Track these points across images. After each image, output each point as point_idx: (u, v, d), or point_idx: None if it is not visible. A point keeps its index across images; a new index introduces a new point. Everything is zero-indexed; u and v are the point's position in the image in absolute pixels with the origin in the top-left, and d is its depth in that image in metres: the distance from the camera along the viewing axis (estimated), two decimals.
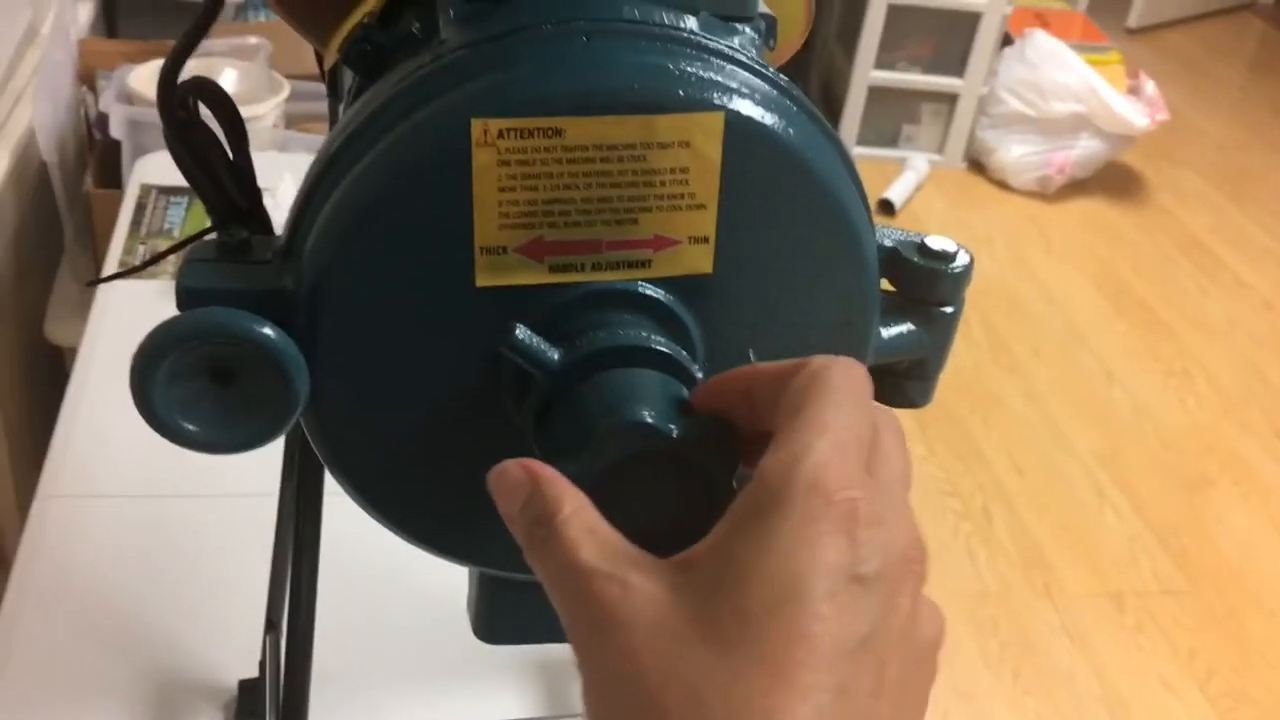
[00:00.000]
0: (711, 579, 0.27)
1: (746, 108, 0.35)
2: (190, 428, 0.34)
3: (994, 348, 2.30)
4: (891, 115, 2.94)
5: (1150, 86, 2.83)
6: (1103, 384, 2.28)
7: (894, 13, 2.82)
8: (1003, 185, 2.94)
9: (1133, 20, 4.04)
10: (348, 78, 0.51)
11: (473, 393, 0.37)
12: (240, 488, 0.92)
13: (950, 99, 2.93)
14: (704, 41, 0.36)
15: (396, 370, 0.37)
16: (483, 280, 0.35)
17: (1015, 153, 2.90)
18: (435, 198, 0.34)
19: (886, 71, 2.89)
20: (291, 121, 1.69)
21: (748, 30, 0.39)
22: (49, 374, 1.65)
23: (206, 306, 0.35)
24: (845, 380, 0.30)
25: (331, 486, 0.51)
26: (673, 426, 0.32)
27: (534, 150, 0.34)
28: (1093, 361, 2.34)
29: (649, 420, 0.32)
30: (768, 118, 0.36)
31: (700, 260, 0.37)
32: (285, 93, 1.64)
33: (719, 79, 0.35)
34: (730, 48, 0.37)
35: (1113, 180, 3.00)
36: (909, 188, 2.79)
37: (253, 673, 0.78)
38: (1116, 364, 2.34)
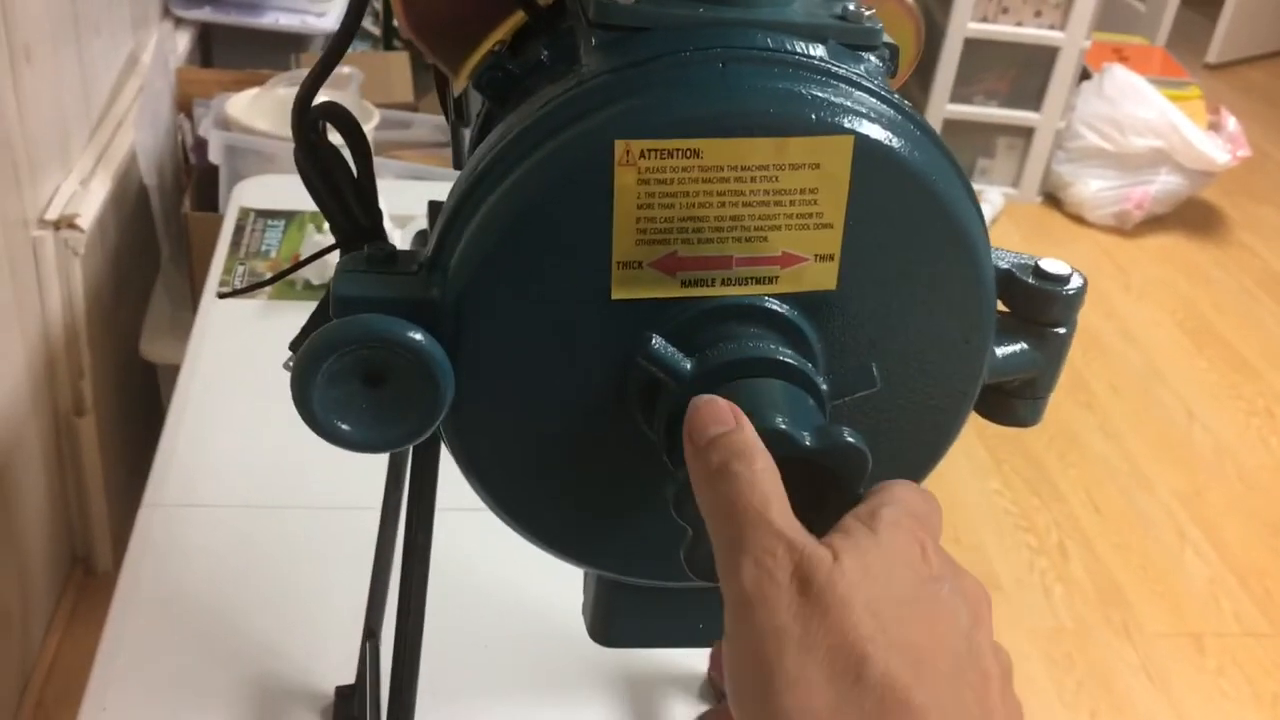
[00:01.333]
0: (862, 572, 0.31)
1: (874, 131, 0.37)
2: (344, 427, 0.36)
3: (1071, 384, 2.28)
4: (967, 148, 2.94)
5: (1231, 122, 2.80)
6: (1183, 422, 2.25)
7: (970, 46, 2.82)
8: (1079, 220, 2.91)
9: (1212, 55, 3.99)
10: (475, 104, 0.54)
11: (605, 401, 0.39)
12: (337, 501, 0.95)
13: (1026, 133, 2.92)
14: (833, 68, 0.38)
15: (532, 378, 0.38)
16: (619, 293, 0.37)
17: (1093, 187, 2.88)
18: (578, 214, 0.36)
19: (962, 105, 2.89)
20: (380, 149, 1.73)
21: (872, 58, 0.40)
22: (142, 390, 1.70)
23: (358, 314, 0.37)
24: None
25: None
26: (806, 435, 0.34)
27: (672, 170, 0.36)
28: (1173, 399, 2.31)
29: (784, 429, 0.33)
30: (894, 141, 0.37)
31: (825, 277, 0.38)
32: (375, 120, 1.69)
33: (848, 104, 0.37)
34: (857, 74, 0.38)
35: (1192, 216, 2.96)
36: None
37: (349, 680, 0.80)
38: (1197, 402, 2.30)
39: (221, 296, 1.13)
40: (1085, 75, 2.95)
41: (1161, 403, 2.30)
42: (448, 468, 0.43)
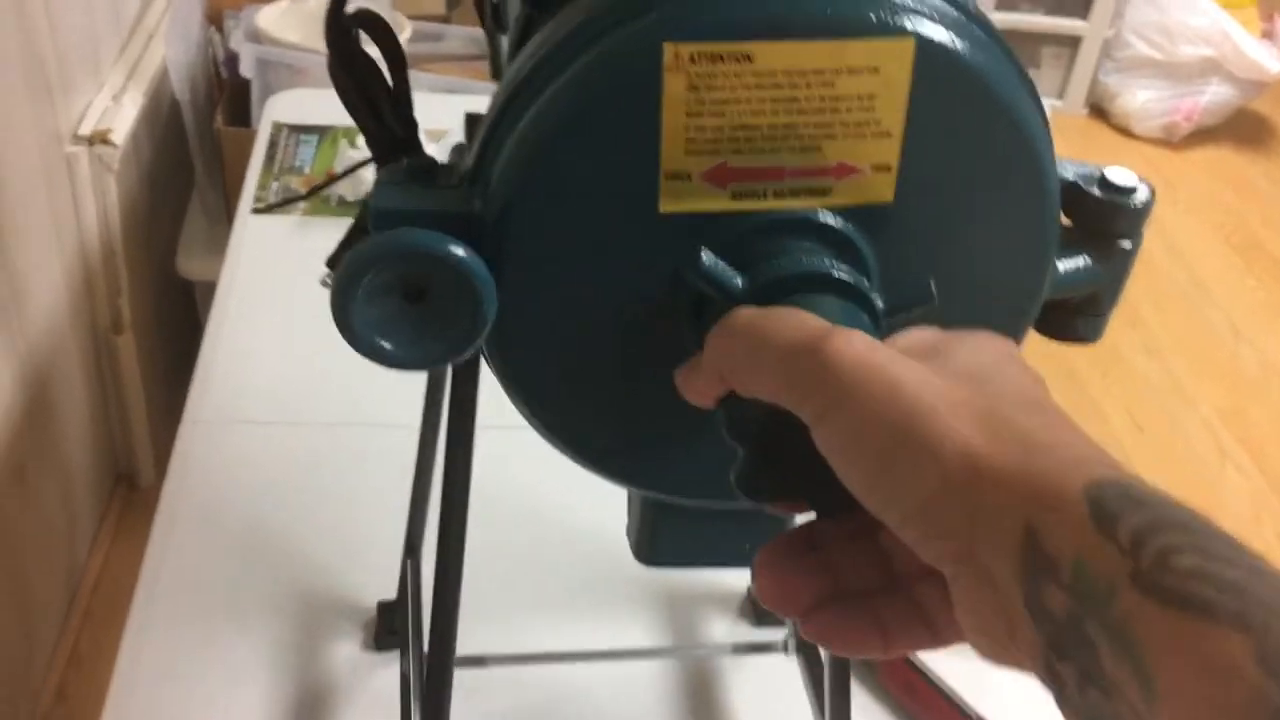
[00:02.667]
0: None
1: (937, 34, 0.35)
2: (385, 344, 0.35)
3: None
4: None
5: None
6: (1229, 340, 2.21)
7: None
8: (1126, 132, 2.84)
9: None
10: (513, 9, 0.52)
11: (652, 318, 0.37)
12: (376, 417, 0.95)
13: (1073, 42, 2.83)
14: None
15: (578, 294, 0.37)
16: (666, 206, 0.36)
17: (1140, 98, 2.80)
18: (624, 123, 0.35)
19: (1007, 13, 2.81)
20: (413, 61, 1.70)
21: None
22: (180, 307, 1.71)
23: (398, 227, 0.35)
24: None
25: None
26: None
27: (723, 75, 0.34)
28: (1219, 316, 2.26)
29: None
30: (958, 44, 0.35)
31: (882, 189, 0.37)
32: (408, 32, 1.66)
33: (910, 4, 0.35)
34: None
35: (1243, 128, 2.88)
36: None
37: (390, 595, 0.80)
38: (1243, 320, 2.26)
39: (257, 213, 1.12)
40: None
41: (1207, 320, 2.26)
42: (488, 383, 0.42)
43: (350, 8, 0.50)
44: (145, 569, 0.82)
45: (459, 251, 0.34)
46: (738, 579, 0.83)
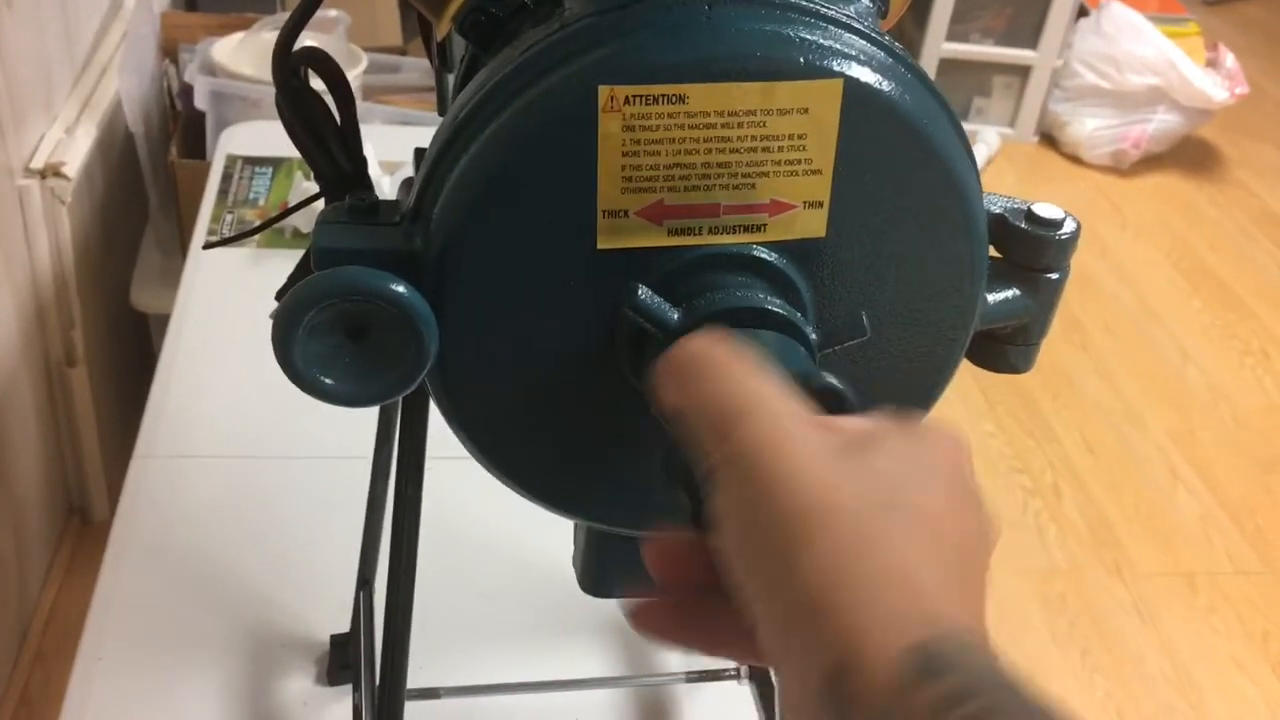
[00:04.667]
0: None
1: (864, 75, 0.36)
2: (327, 381, 0.36)
3: (1065, 324, 2.28)
4: (963, 88, 2.91)
5: (1229, 59, 2.77)
6: (1177, 362, 2.25)
7: None
8: (1075, 160, 2.89)
9: None
10: (458, 48, 0.53)
11: (591, 353, 0.38)
12: (329, 450, 0.94)
13: (1023, 71, 2.89)
14: (821, 10, 0.37)
15: (518, 329, 0.38)
16: (604, 243, 0.37)
17: (1089, 126, 2.85)
18: (561, 163, 0.35)
19: (958, 44, 2.85)
20: (368, 93, 1.71)
21: (864, 0, 0.39)
22: (134, 340, 1.70)
23: (340, 265, 0.36)
24: None
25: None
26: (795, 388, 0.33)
27: (658, 116, 0.35)
28: (1167, 339, 2.30)
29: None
30: (885, 85, 0.36)
31: (814, 224, 0.38)
32: (363, 65, 1.67)
33: (838, 46, 0.36)
34: (847, 16, 0.37)
35: (1189, 155, 2.94)
36: (980, 162, 2.75)
37: (343, 629, 0.80)
38: (1191, 342, 2.30)
39: (207, 247, 1.12)
40: (1082, 12, 2.91)
41: (1155, 343, 2.30)
42: (439, 415, 0.43)
43: (300, 43, 0.51)
44: (94, 606, 0.81)
45: (399, 289, 0.35)
46: None
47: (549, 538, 0.87)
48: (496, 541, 0.88)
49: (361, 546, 0.77)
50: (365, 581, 0.78)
